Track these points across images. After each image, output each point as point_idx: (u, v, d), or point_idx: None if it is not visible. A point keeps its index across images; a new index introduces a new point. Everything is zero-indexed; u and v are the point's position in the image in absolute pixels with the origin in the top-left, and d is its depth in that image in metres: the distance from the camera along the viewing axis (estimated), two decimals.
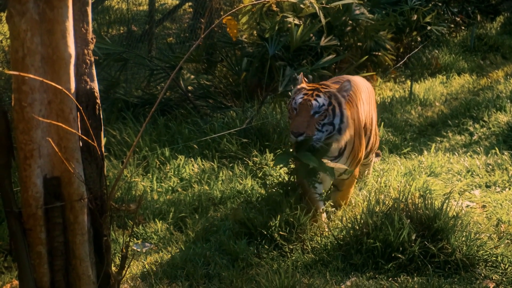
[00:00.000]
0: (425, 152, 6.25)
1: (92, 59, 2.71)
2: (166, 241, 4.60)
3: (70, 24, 2.50)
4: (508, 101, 7.62)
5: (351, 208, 4.82)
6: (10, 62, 2.54)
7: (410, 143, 6.70)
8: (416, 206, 4.25)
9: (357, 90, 4.91)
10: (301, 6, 7.31)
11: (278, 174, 5.29)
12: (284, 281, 3.71)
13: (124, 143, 6.19)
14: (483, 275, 3.97)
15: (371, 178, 5.48)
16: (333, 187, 4.88)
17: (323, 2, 7.39)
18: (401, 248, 4.06)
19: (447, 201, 4.31)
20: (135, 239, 4.67)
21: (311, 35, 7.37)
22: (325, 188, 4.79)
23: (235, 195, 5.23)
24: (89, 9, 2.66)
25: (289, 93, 6.39)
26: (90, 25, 2.69)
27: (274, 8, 7.39)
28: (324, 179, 4.62)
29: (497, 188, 5.38)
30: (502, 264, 4.06)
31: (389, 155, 6.27)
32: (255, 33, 7.59)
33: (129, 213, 4.89)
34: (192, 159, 5.95)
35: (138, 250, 4.50)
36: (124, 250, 2.90)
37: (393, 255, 4.05)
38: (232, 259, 4.21)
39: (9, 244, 2.70)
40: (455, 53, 10.25)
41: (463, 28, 11.55)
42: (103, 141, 2.83)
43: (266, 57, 7.19)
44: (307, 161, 4.39)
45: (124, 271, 2.92)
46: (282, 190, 4.71)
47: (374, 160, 5.69)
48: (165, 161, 5.93)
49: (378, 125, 6.67)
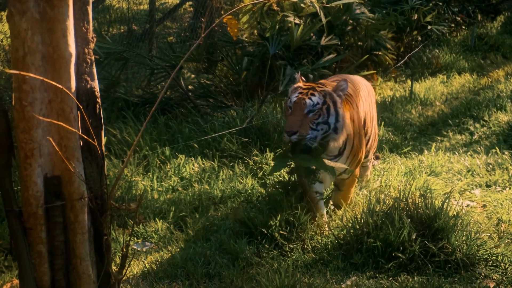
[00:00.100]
0: (426, 152, 6.25)
1: (93, 58, 2.71)
2: (166, 240, 4.60)
3: (70, 23, 2.50)
4: (509, 100, 7.61)
5: (352, 207, 4.82)
6: (10, 61, 2.54)
7: (410, 143, 6.70)
8: (417, 205, 4.25)
9: (356, 89, 4.90)
10: (302, 5, 7.31)
11: (278, 174, 5.29)
12: (284, 281, 3.71)
13: (124, 142, 6.19)
14: (483, 274, 3.97)
15: (371, 177, 5.47)
16: (334, 187, 4.88)
17: (324, 1, 7.39)
18: (401, 248, 4.06)
19: (447, 200, 4.30)
20: (135, 238, 4.67)
21: (311, 34, 7.37)
22: (326, 188, 4.79)
23: (236, 195, 5.23)
24: (90, 8, 2.66)
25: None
26: (91, 24, 2.69)
27: (275, 7, 7.39)
28: (325, 178, 4.62)
29: (497, 187, 5.38)
30: (502, 264, 4.06)
31: (390, 154, 6.27)
32: (255, 32, 7.59)
33: (129, 212, 4.89)
34: (193, 158, 5.95)
35: (139, 249, 4.50)
36: (124, 249, 2.90)
37: (393, 254, 4.05)
38: (233, 258, 4.20)
39: (9, 243, 2.71)
40: (455, 52, 10.25)
41: (463, 27, 11.54)
42: (104, 140, 2.83)
43: (266, 57, 7.19)
44: (303, 163, 4.39)
45: (124, 270, 2.92)
46: (282, 189, 4.71)
47: (374, 163, 5.65)
48: (165, 160, 5.93)
49: (378, 124, 6.67)
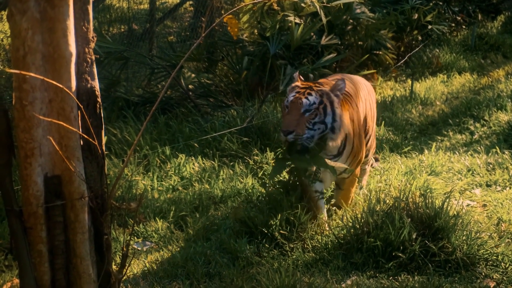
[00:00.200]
0: (426, 151, 6.25)
1: (93, 57, 2.70)
2: (166, 240, 4.60)
3: (71, 22, 2.50)
4: (509, 100, 7.61)
5: (352, 207, 4.82)
6: (11, 60, 2.54)
7: (410, 142, 6.70)
8: (417, 205, 4.25)
9: (356, 89, 4.89)
10: (302, 5, 7.31)
11: None
12: (284, 280, 3.71)
13: (124, 142, 6.19)
14: (483, 274, 3.97)
15: (370, 178, 5.47)
16: (335, 187, 4.87)
17: (324, 1, 7.39)
18: (401, 247, 4.06)
19: (447, 200, 4.30)
20: (135, 238, 4.67)
21: (312, 34, 7.37)
22: (326, 187, 4.78)
23: (236, 194, 5.23)
24: (90, 8, 2.66)
25: None
26: (91, 24, 2.69)
27: (275, 7, 7.39)
28: (325, 178, 4.60)
29: (497, 187, 5.38)
30: (502, 263, 4.06)
31: (390, 154, 6.27)
32: (256, 32, 7.58)
33: (129, 212, 4.90)
34: (193, 158, 5.95)
35: (139, 248, 4.50)
36: (124, 249, 2.90)
37: (393, 254, 4.05)
38: (233, 257, 4.20)
39: (9, 242, 2.71)
40: (456, 52, 10.24)
41: (464, 27, 11.54)
42: (104, 139, 2.83)
43: (267, 56, 7.19)
44: (299, 163, 4.39)
45: (124, 270, 2.92)
46: (282, 189, 4.71)
47: (374, 165, 5.62)
48: (165, 160, 5.93)
49: (379, 124, 6.67)
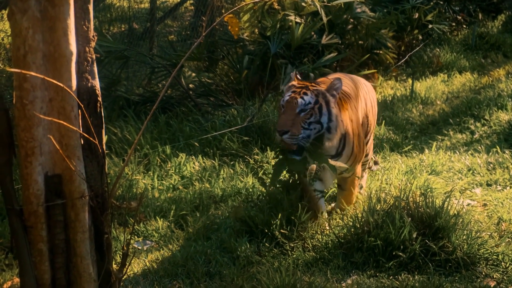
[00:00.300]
0: (426, 151, 6.25)
1: (94, 56, 2.70)
2: (167, 239, 4.60)
3: (71, 21, 2.50)
4: (509, 99, 7.61)
5: (352, 206, 4.82)
6: (11, 59, 2.54)
7: (411, 142, 6.70)
8: (417, 204, 4.25)
9: (356, 88, 4.89)
10: (303, 4, 7.31)
11: None
12: (285, 279, 3.71)
13: (125, 141, 6.19)
14: (484, 273, 3.97)
15: (371, 176, 5.47)
16: (338, 189, 4.84)
17: (325, 0, 7.39)
18: (402, 247, 4.06)
19: (448, 199, 4.30)
20: (136, 237, 4.68)
21: (312, 33, 7.37)
22: (327, 187, 4.77)
23: (236, 193, 5.23)
24: (91, 7, 2.66)
25: None
26: (92, 23, 2.68)
27: (276, 6, 7.39)
28: (325, 177, 4.59)
29: (498, 186, 5.38)
30: (503, 263, 4.06)
31: (390, 153, 6.27)
32: (256, 31, 7.59)
33: (130, 211, 4.90)
34: (193, 157, 5.95)
35: (139, 248, 4.51)
36: (125, 248, 2.90)
37: (394, 253, 4.05)
38: (233, 257, 4.21)
39: (10, 241, 2.71)
40: (456, 51, 10.24)
41: (464, 26, 11.53)
42: (104, 138, 2.83)
43: (267, 55, 7.19)
44: (294, 168, 4.42)
45: (125, 269, 2.92)
46: (283, 188, 4.71)
47: (373, 168, 5.60)
48: (166, 159, 5.93)
49: (379, 123, 6.67)
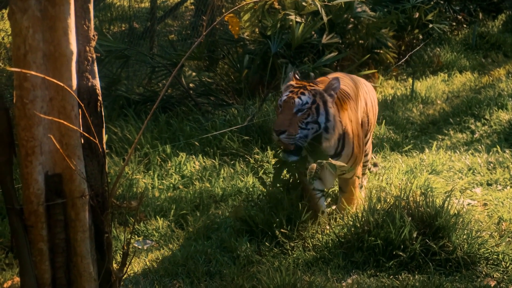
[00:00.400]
0: (427, 150, 6.25)
1: (94, 56, 2.70)
2: (167, 238, 4.60)
3: (72, 21, 2.50)
4: (510, 99, 7.60)
5: (354, 207, 4.81)
6: (12, 59, 2.54)
7: (411, 141, 6.70)
8: (418, 204, 4.25)
9: (356, 88, 4.88)
10: (303, 3, 7.31)
11: None
12: (285, 279, 3.71)
13: (125, 140, 6.19)
14: (484, 273, 3.97)
15: (372, 175, 5.47)
16: (339, 192, 4.82)
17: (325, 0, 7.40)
18: (402, 246, 4.06)
19: (448, 199, 4.30)
20: (136, 236, 4.68)
21: (312, 32, 7.37)
22: (327, 187, 4.76)
23: (237, 193, 5.23)
24: (91, 6, 2.66)
25: None
26: (92, 22, 2.68)
27: (276, 5, 7.39)
28: (324, 176, 4.57)
29: (498, 186, 5.38)
30: (503, 262, 4.06)
31: (391, 153, 6.26)
32: (257, 30, 7.59)
33: (130, 210, 4.90)
34: (194, 157, 5.95)
35: (139, 247, 4.51)
36: (125, 247, 2.90)
37: (394, 253, 4.05)
38: (233, 256, 4.21)
39: (10, 241, 2.71)
40: (456, 51, 10.23)
41: (465, 26, 11.52)
42: (105, 138, 2.83)
43: (267, 55, 7.19)
44: (292, 170, 4.48)
45: (125, 268, 2.92)
46: (283, 187, 4.71)
47: (373, 170, 5.58)
48: (166, 158, 5.93)
49: (379, 123, 6.67)
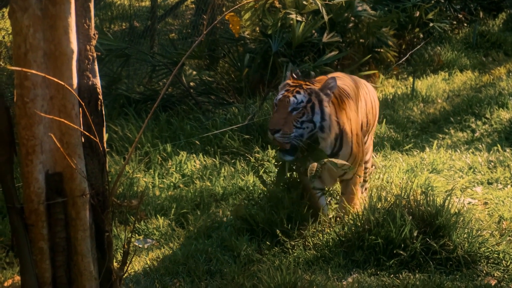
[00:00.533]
0: (427, 149, 6.25)
1: (94, 55, 2.70)
2: (167, 237, 4.60)
3: (72, 20, 2.50)
4: (510, 98, 7.60)
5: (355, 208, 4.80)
6: (12, 57, 2.54)
7: (412, 140, 6.69)
8: (418, 202, 4.25)
9: (356, 87, 4.87)
10: (304, 2, 7.31)
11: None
12: (285, 278, 3.71)
13: (126, 139, 6.19)
14: (484, 272, 3.97)
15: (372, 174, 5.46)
16: (340, 195, 4.80)
17: None
18: (402, 245, 4.06)
19: (449, 198, 4.30)
20: (136, 235, 4.68)
21: (313, 31, 7.37)
22: (327, 185, 4.76)
23: (237, 191, 5.23)
24: (92, 5, 2.66)
25: None
26: (93, 21, 2.68)
27: (277, 4, 7.39)
28: (324, 176, 4.56)
29: (499, 185, 5.38)
30: (503, 261, 4.06)
31: (391, 151, 6.26)
32: (257, 29, 7.58)
33: (131, 209, 4.90)
34: (194, 155, 5.95)
35: (140, 246, 4.51)
36: (126, 246, 2.90)
37: (394, 251, 4.05)
38: (234, 255, 4.21)
39: (11, 239, 2.71)
40: (457, 50, 10.23)
41: (465, 25, 11.51)
42: (105, 137, 2.83)
43: (268, 54, 7.19)
44: (291, 168, 4.51)
45: (126, 267, 2.92)
46: (283, 186, 4.71)
47: (372, 171, 5.55)
48: (167, 157, 5.93)
49: (380, 121, 6.66)
